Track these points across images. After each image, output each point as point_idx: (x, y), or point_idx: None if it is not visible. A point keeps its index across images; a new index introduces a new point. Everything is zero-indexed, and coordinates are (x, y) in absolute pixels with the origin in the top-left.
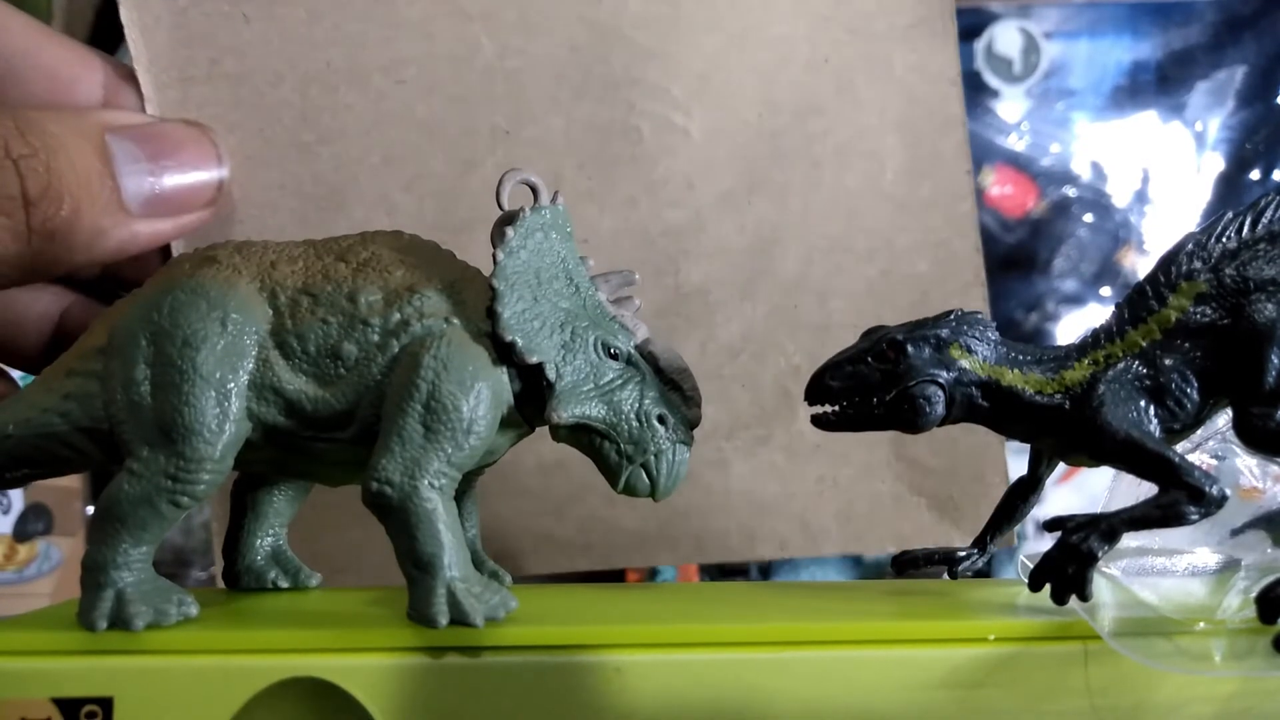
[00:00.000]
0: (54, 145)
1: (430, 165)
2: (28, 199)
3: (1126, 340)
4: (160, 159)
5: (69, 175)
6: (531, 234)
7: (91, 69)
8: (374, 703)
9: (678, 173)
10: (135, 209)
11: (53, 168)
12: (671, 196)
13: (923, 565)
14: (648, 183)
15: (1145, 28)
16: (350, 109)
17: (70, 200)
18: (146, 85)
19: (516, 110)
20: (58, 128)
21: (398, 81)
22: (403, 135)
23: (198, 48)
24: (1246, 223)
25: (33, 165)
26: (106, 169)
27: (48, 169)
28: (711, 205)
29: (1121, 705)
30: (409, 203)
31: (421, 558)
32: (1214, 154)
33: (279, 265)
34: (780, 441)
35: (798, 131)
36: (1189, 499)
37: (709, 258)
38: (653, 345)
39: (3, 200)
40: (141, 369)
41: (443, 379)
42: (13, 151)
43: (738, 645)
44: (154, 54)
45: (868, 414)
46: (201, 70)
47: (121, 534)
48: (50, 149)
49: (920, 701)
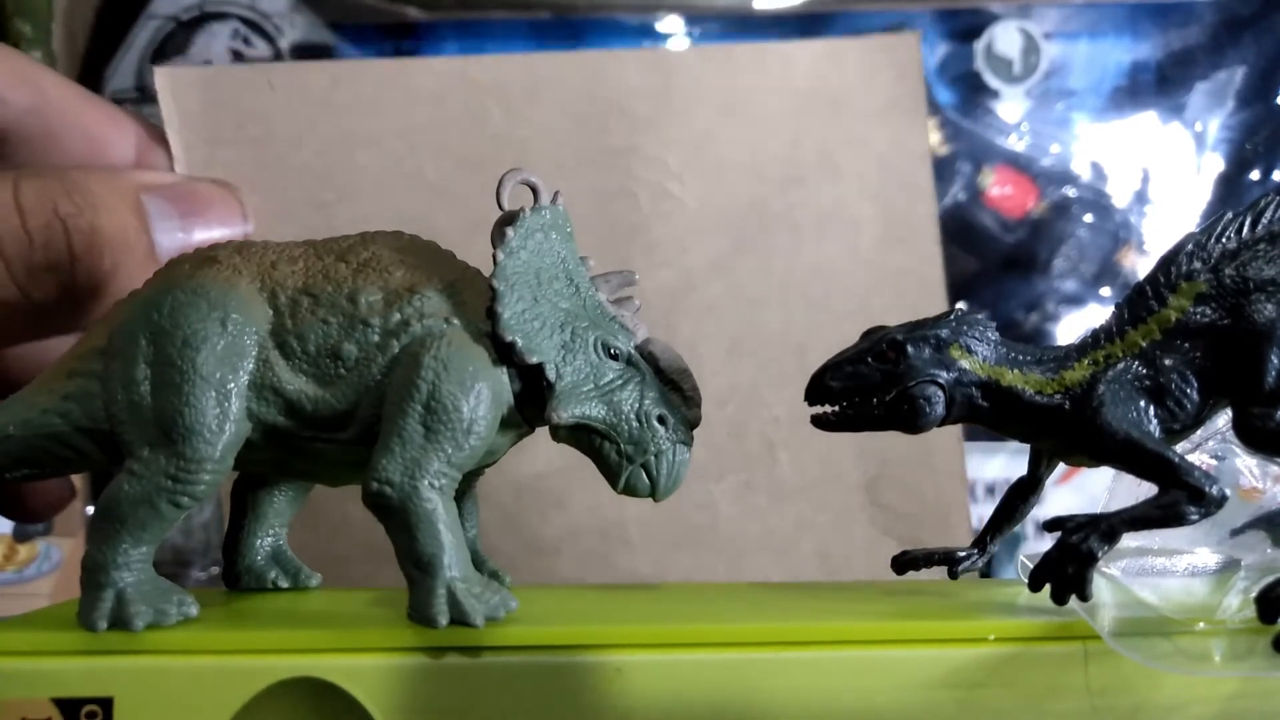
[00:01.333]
0: (96, 204)
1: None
2: (74, 255)
3: (1126, 340)
4: (190, 216)
5: (110, 232)
6: (531, 234)
7: (124, 130)
8: (374, 703)
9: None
10: None
11: (95, 226)
12: (665, 258)
13: (922, 566)
14: (643, 245)
15: (1145, 28)
16: (366, 171)
17: (110, 255)
18: (176, 146)
19: None
20: (99, 188)
21: (411, 146)
22: (414, 196)
23: (225, 112)
24: (1246, 223)
25: (79, 224)
26: (142, 225)
27: (91, 228)
28: (702, 267)
29: (1121, 705)
30: None
31: (422, 558)
32: (1214, 154)
33: (279, 265)
34: (763, 486)
35: (781, 200)
36: (1189, 499)
37: (699, 316)
38: (653, 345)
39: (52, 255)
40: (142, 369)
41: (443, 379)
42: (61, 211)
43: (739, 645)
44: (184, 117)
45: (868, 414)
46: (228, 133)
47: (121, 534)
48: (94, 208)
49: (920, 701)
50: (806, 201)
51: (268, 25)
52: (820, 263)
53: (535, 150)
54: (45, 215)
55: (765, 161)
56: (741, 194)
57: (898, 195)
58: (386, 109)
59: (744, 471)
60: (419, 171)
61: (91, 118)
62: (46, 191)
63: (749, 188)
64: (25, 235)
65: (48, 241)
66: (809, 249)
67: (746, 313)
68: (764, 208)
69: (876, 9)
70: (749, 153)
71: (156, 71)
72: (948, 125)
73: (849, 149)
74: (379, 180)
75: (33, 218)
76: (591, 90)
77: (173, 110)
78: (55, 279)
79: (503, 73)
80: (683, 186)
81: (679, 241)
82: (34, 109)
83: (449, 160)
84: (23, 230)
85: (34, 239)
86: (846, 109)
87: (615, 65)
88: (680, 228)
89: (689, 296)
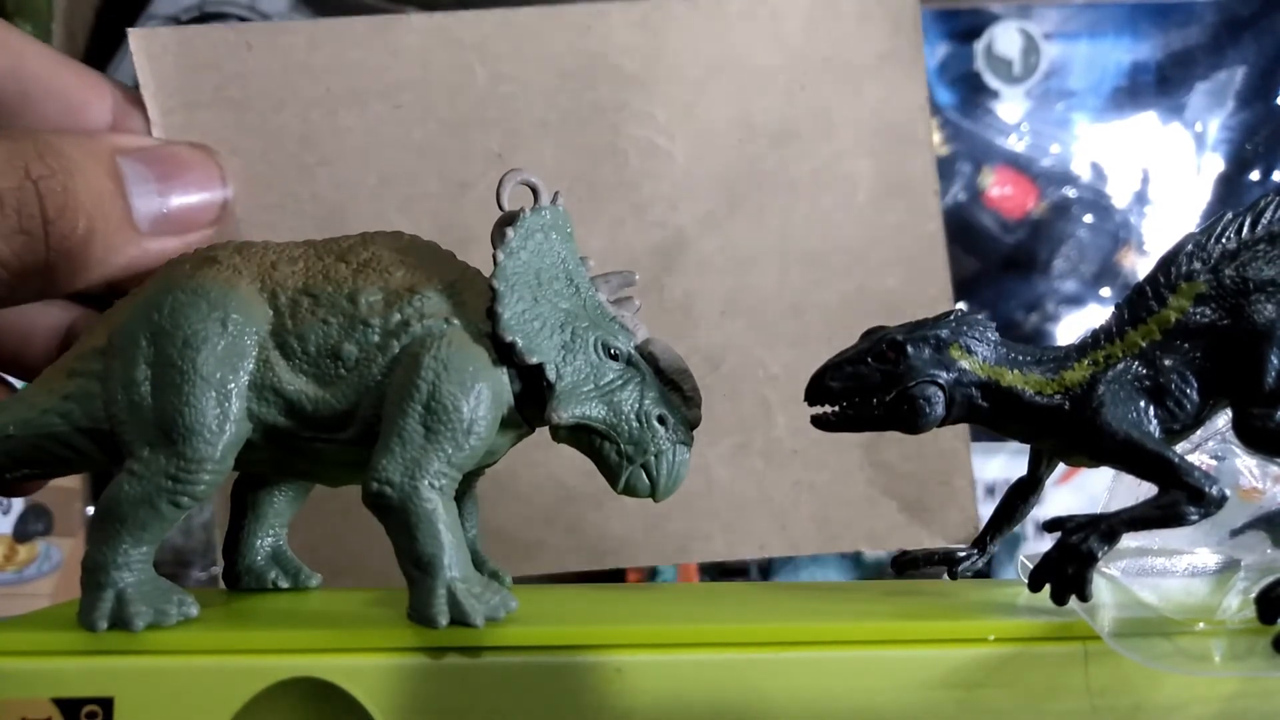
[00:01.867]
0: (70, 167)
1: (425, 187)
2: (46, 218)
3: (1126, 341)
4: (168, 180)
5: (84, 195)
6: (532, 235)
7: (101, 94)
8: (374, 703)
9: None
10: (145, 227)
11: (69, 188)
12: (656, 217)
13: (922, 566)
14: (633, 204)
15: (1145, 29)
16: (349, 132)
17: (85, 219)
18: (153, 110)
19: (508, 135)
20: (73, 150)
21: (395, 106)
22: (399, 158)
23: (202, 74)
24: (1246, 223)
25: (51, 186)
26: (118, 189)
27: (65, 189)
28: (694, 225)
29: (1121, 705)
30: (405, 223)
31: (422, 558)
32: (1214, 155)
33: (279, 266)
34: (759, 447)
35: (775, 155)
36: (1189, 499)
37: (691, 274)
38: (653, 345)
39: (24, 219)
40: (142, 369)
41: (443, 379)
42: (33, 173)
43: (738, 645)
44: (160, 80)
45: (867, 414)
46: (206, 95)
47: (122, 534)
48: (67, 171)
49: (920, 702)
50: (801, 157)
51: None
52: (815, 219)
53: (520, 108)
54: (16, 177)
55: (758, 116)
56: (733, 150)
57: (895, 149)
58: (368, 68)
59: (739, 434)
60: (403, 132)
61: (67, 81)
62: (18, 153)
63: (741, 143)
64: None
65: (20, 204)
66: (804, 205)
67: (740, 271)
68: (757, 164)
69: None
70: (741, 107)
71: (130, 33)
72: (948, 125)
73: (844, 102)
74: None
75: (3, 179)
76: (578, 45)
77: (148, 72)
78: (28, 242)
79: (486, 29)
80: (673, 143)
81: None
82: (9, 72)
83: (433, 120)
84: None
85: (4, 201)
86: (841, 61)
87: (601, 19)
88: (671, 185)
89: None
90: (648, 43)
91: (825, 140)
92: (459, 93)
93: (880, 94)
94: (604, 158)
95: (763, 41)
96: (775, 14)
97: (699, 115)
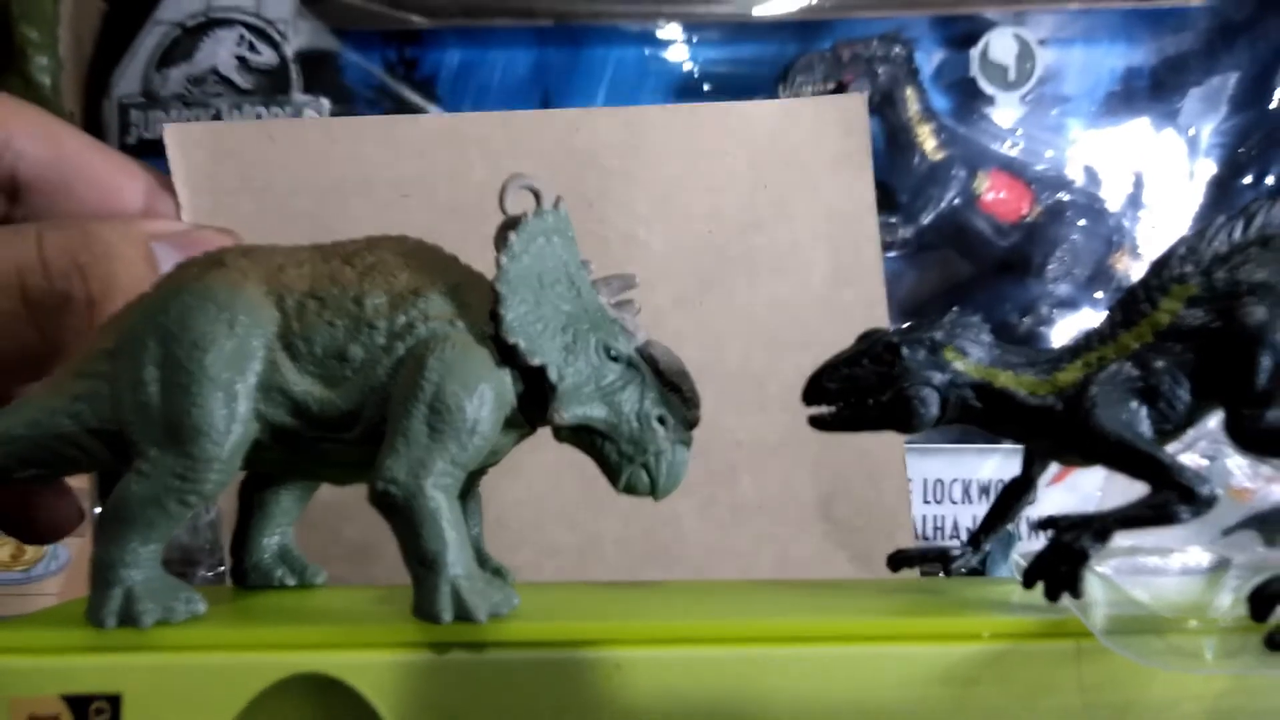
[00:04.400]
0: (111, 253)
1: None
2: (91, 300)
3: (1119, 343)
4: None
5: (123, 278)
6: (534, 238)
7: (135, 178)
8: (379, 698)
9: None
10: None
11: (111, 273)
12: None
13: (917, 563)
14: None
15: (1139, 34)
16: (359, 218)
17: (124, 299)
18: (183, 195)
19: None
20: (113, 236)
21: (402, 195)
22: None
23: (229, 163)
24: (1238, 227)
25: (95, 272)
26: (152, 271)
27: (107, 274)
28: (668, 305)
29: (1113, 702)
30: None
31: (426, 555)
32: (1207, 160)
33: (286, 269)
34: (725, 502)
35: (741, 244)
36: (1180, 499)
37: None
38: (653, 348)
39: (71, 301)
40: (150, 371)
41: (447, 380)
42: (80, 260)
43: (736, 641)
44: (191, 168)
45: (864, 415)
46: (232, 182)
47: (130, 533)
48: (109, 256)
49: (914, 698)
50: (763, 245)
51: (272, 31)
52: (776, 300)
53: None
54: (66, 264)
55: (726, 209)
56: (704, 238)
57: (846, 239)
58: (377, 161)
59: (708, 489)
60: (408, 218)
61: (104, 168)
62: (68, 243)
63: (711, 233)
64: (48, 284)
65: (68, 289)
66: (765, 288)
67: (709, 347)
68: (724, 251)
69: (873, 16)
70: (711, 201)
71: (165, 129)
72: (943, 131)
73: (802, 197)
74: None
75: (55, 266)
76: (567, 143)
77: (180, 163)
78: (72, 322)
79: (486, 128)
80: (650, 231)
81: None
82: (51, 163)
83: (437, 208)
84: (45, 279)
85: (56, 286)
86: (800, 162)
87: (589, 121)
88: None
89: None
90: (630, 142)
91: (785, 230)
92: (460, 183)
93: (834, 190)
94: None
95: (731, 144)
96: (743, 120)
97: (673, 207)
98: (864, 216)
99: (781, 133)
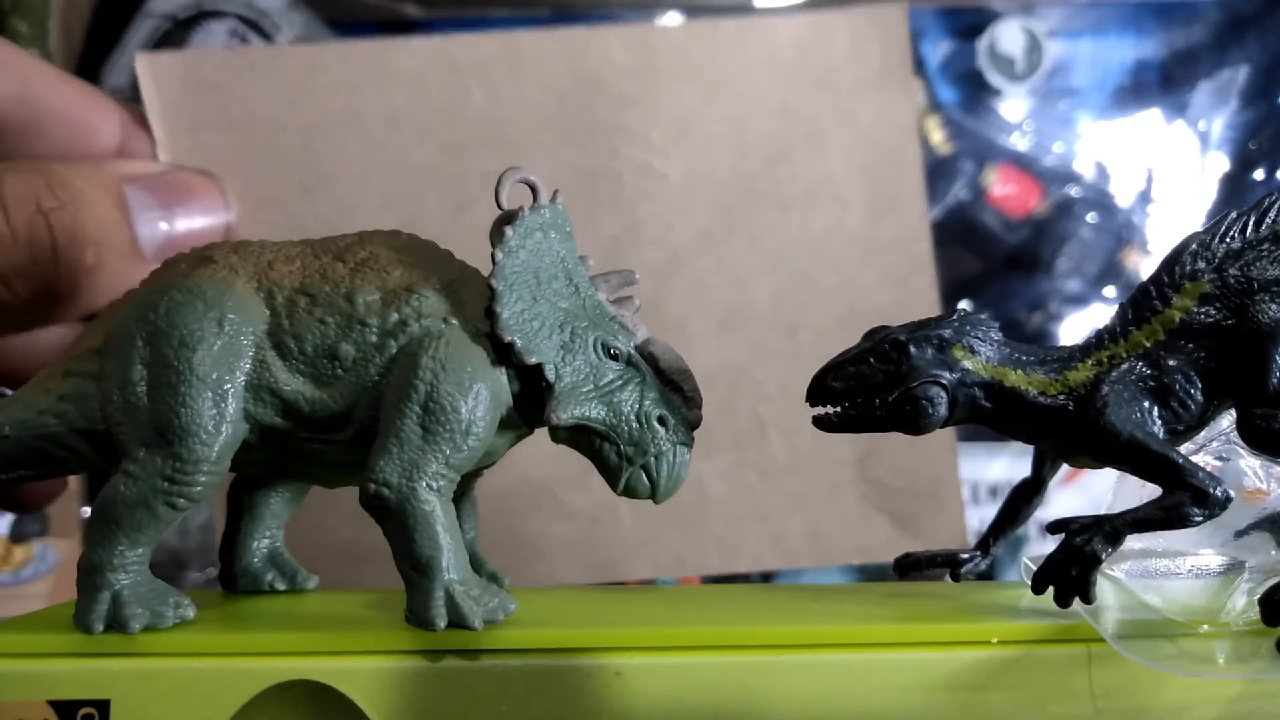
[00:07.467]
0: (78, 199)
1: (425, 208)
2: (56, 249)
3: (1130, 341)
4: (172, 206)
5: (91, 225)
6: (531, 234)
7: (108, 116)
8: (371, 706)
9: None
10: (149, 254)
11: (77, 219)
12: (651, 236)
13: (925, 568)
14: (629, 224)
15: (1148, 27)
16: (349, 154)
17: (92, 249)
18: (158, 131)
19: (506, 156)
20: (80, 181)
21: (393, 128)
22: (399, 179)
23: (206, 96)
24: (1250, 222)
25: (60, 218)
26: (124, 218)
27: (74, 221)
28: (689, 245)
29: (1125, 708)
30: None
31: (419, 560)
32: (1218, 153)
33: (276, 265)
34: (754, 463)
35: (769, 176)
36: (1193, 501)
37: (687, 294)
38: (653, 346)
39: (36, 251)
40: (138, 370)
41: (441, 380)
42: (43, 206)
43: (738, 648)
44: (166, 103)
45: (870, 415)
46: (210, 117)
47: (118, 536)
48: (75, 202)
49: (923, 704)
50: (793, 176)
51: (265, 23)
52: (808, 238)
53: (518, 130)
54: (28, 211)
55: (751, 136)
56: (727, 170)
57: (885, 168)
58: (367, 91)
59: (734, 450)
60: (403, 154)
61: (75, 105)
62: (29, 187)
63: (735, 163)
64: (8, 231)
65: (31, 237)
66: (796, 224)
67: (735, 290)
68: (751, 183)
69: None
70: (735, 128)
71: (138, 58)
72: (950, 124)
73: (836, 122)
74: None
75: (16, 213)
76: (574, 67)
77: (155, 96)
78: (38, 273)
79: (483, 52)
80: (668, 163)
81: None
82: (19, 98)
83: (432, 142)
84: (6, 226)
85: (17, 234)
86: (833, 82)
87: (598, 41)
88: (666, 205)
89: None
90: (643, 65)
91: (817, 159)
92: (457, 115)
93: (871, 113)
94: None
95: (756, 63)
96: (768, 36)
97: (694, 135)
98: (905, 143)
99: (812, 50)
